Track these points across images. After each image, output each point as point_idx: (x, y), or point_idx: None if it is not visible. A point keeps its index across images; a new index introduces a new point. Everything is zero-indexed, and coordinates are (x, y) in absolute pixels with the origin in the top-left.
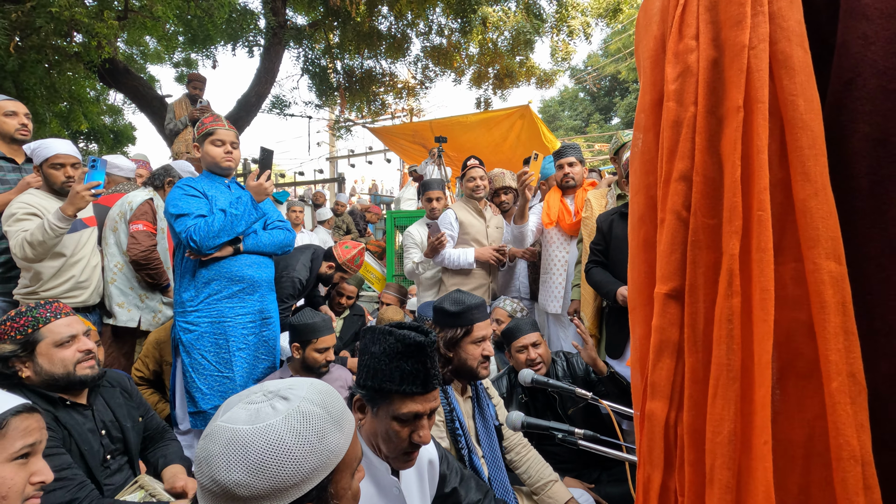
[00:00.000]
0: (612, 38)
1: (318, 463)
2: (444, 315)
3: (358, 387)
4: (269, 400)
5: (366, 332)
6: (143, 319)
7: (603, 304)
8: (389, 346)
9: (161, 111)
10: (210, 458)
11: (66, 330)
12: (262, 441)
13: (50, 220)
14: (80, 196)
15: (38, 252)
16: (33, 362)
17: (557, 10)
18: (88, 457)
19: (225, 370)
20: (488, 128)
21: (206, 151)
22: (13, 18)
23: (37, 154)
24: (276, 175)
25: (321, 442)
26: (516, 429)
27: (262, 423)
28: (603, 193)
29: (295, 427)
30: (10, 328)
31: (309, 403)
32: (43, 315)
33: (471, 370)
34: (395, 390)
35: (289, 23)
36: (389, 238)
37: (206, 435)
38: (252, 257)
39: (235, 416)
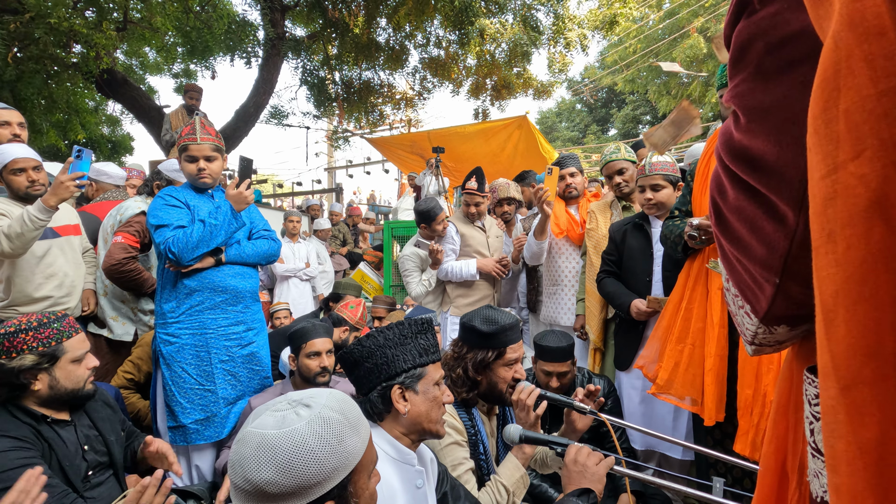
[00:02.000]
0: (608, 50)
1: (339, 463)
2: (475, 335)
3: (392, 379)
4: (293, 408)
5: (360, 342)
6: (138, 332)
7: (608, 317)
8: (405, 333)
9: (159, 121)
10: (243, 461)
11: (82, 347)
12: (289, 443)
13: (30, 211)
14: (63, 186)
15: (16, 245)
16: (50, 376)
17: (554, 23)
18: (70, 472)
19: (206, 383)
20: (486, 138)
21: (182, 166)
22: (11, 29)
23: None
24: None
25: (340, 444)
26: (513, 442)
27: (289, 428)
28: (607, 205)
29: (317, 431)
30: (31, 338)
31: (329, 410)
32: (65, 329)
33: (500, 395)
34: (427, 361)
35: (287, 34)
36: (387, 248)
37: (238, 440)
38: (236, 268)
39: (264, 423)
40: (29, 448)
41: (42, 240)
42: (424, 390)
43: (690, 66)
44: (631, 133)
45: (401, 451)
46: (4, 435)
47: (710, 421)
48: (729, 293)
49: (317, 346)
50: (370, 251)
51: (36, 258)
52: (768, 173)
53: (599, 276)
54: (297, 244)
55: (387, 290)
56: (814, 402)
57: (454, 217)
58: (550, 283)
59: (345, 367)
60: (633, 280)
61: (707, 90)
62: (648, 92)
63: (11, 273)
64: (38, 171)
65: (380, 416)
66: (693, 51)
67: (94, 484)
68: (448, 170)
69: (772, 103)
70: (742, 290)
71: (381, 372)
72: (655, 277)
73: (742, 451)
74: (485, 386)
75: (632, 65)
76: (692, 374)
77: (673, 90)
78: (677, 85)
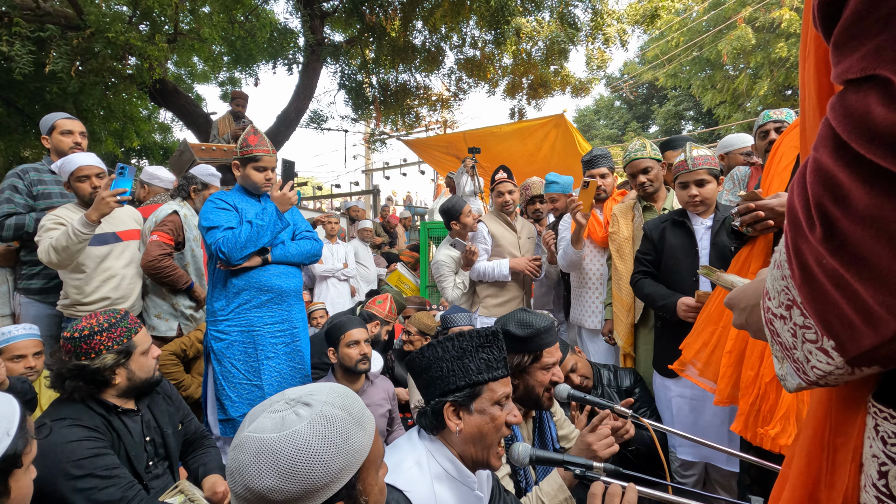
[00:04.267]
0: (649, 44)
1: (345, 463)
2: (510, 339)
3: (446, 395)
4: (292, 407)
5: (422, 351)
6: (182, 326)
7: (635, 321)
8: (464, 346)
9: (207, 127)
10: (241, 468)
11: (147, 339)
12: (291, 447)
13: (74, 226)
14: (104, 202)
15: (62, 257)
16: (127, 369)
17: (592, 19)
18: (135, 461)
19: (254, 378)
20: (522, 138)
21: (247, 173)
22: (75, 44)
23: (63, 171)
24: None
25: (346, 443)
26: (523, 464)
27: (289, 430)
28: (629, 207)
29: (320, 431)
30: (106, 339)
31: (331, 407)
32: (132, 326)
33: (536, 398)
34: (488, 378)
35: (326, 40)
36: (423, 249)
37: (235, 446)
38: (280, 268)
39: (262, 426)
40: (100, 438)
41: (103, 245)
42: (481, 409)
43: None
44: (673, 129)
45: (461, 470)
46: (80, 424)
47: (719, 402)
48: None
49: (355, 335)
50: (406, 251)
51: (96, 261)
52: None
53: (635, 277)
54: (335, 245)
55: (423, 290)
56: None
57: (485, 217)
58: (577, 286)
59: (412, 373)
60: (675, 279)
61: (755, 83)
62: (692, 86)
63: (73, 275)
64: (100, 177)
65: (435, 431)
66: (740, 42)
67: (154, 475)
68: (484, 170)
69: None
70: (829, 322)
71: (436, 386)
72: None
73: (735, 429)
74: (521, 390)
75: (674, 59)
76: (717, 356)
77: (718, 84)
78: (723, 79)
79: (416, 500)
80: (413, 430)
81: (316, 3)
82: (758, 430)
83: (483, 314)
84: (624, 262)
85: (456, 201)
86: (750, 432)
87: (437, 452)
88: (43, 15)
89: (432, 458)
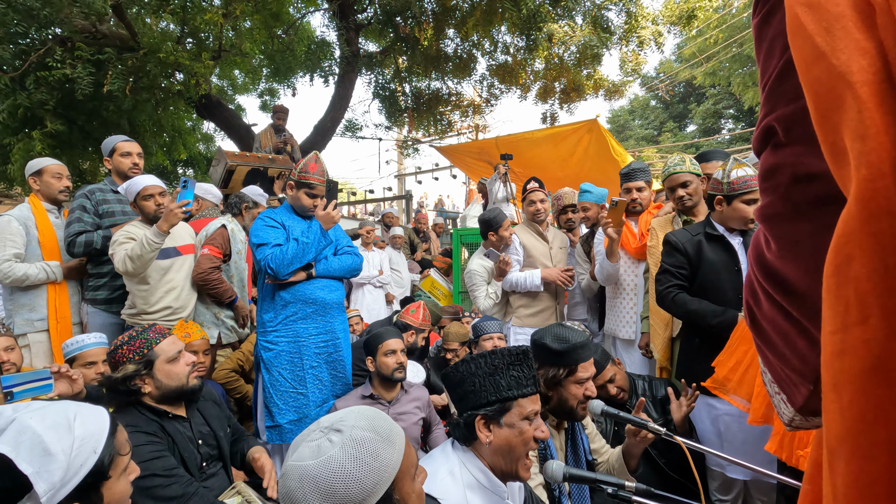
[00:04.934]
0: (686, 42)
1: (378, 478)
2: (546, 352)
3: (477, 409)
4: (325, 435)
5: (456, 367)
6: (221, 334)
7: (673, 336)
8: (496, 363)
9: (247, 138)
10: (290, 494)
11: (173, 347)
12: (327, 471)
13: (147, 235)
14: (172, 213)
15: (137, 265)
16: (153, 378)
17: (626, 22)
18: (189, 463)
19: (299, 387)
20: (555, 143)
21: (298, 196)
22: (129, 65)
23: (129, 192)
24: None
25: (376, 460)
26: (556, 481)
27: (324, 457)
28: (668, 221)
29: (351, 453)
30: (127, 351)
31: (359, 430)
32: (152, 337)
33: (570, 410)
34: (518, 395)
35: (361, 51)
36: (456, 255)
37: (283, 475)
38: (324, 281)
39: (301, 455)
40: (158, 441)
41: (166, 259)
42: (510, 423)
43: None
44: (712, 129)
45: (492, 480)
46: (139, 430)
47: (753, 421)
48: (766, 375)
49: (391, 345)
50: (439, 257)
51: (160, 273)
52: (800, 299)
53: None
54: (370, 252)
55: (455, 297)
56: None
57: (517, 229)
58: (611, 296)
59: (447, 386)
60: (718, 296)
61: None
62: (732, 84)
63: (139, 286)
64: (163, 195)
65: (466, 442)
66: None
67: (208, 475)
68: (516, 176)
69: (801, 237)
70: (779, 380)
71: (468, 399)
72: None
73: (770, 448)
74: (555, 401)
75: (713, 57)
76: (751, 375)
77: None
78: None
79: None
80: (447, 442)
81: (351, 15)
82: (795, 451)
83: (516, 324)
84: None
85: (497, 213)
86: (785, 452)
87: (469, 462)
88: (101, 38)
89: (465, 468)
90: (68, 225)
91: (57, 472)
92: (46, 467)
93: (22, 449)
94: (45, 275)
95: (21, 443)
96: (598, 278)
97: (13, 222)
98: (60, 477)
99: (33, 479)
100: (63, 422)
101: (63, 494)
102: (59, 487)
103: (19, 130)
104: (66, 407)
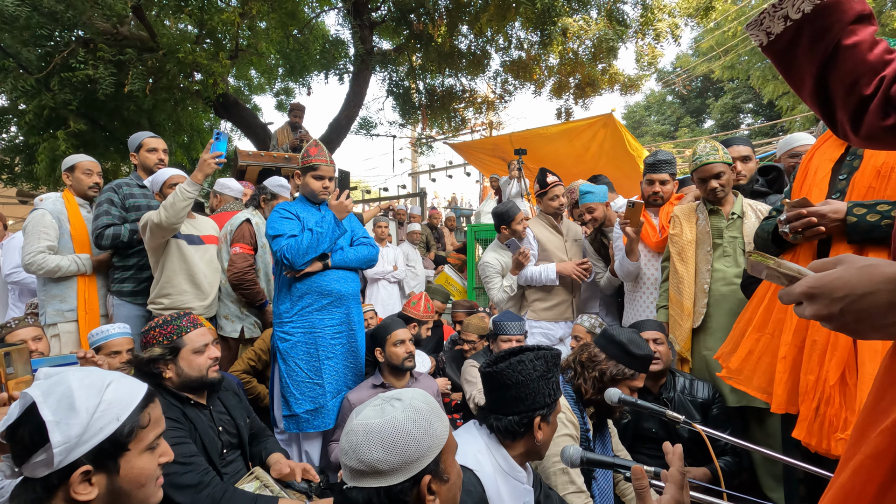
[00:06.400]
0: (703, 35)
1: (431, 443)
2: (622, 351)
3: (534, 410)
4: (388, 402)
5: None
6: (245, 329)
7: (696, 325)
8: (547, 367)
9: (264, 137)
10: (355, 446)
11: (201, 339)
12: (391, 427)
13: (182, 186)
14: (206, 163)
15: (169, 214)
16: (176, 365)
17: (643, 14)
18: (210, 449)
19: (315, 377)
20: (570, 139)
21: (306, 182)
22: (149, 65)
23: (155, 182)
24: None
25: (431, 427)
26: (574, 465)
27: (389, 416)
28: (692, 210)
29: (411, 416)
30: (158, 334)
31: (417, 401)
32: (184, 325)
33: (611, 409)
34: (558, 396)
35: (375, 49)
36: (470, 252)
37: (348, 432)
38: (339, 273)
39: (367, 415)
40: (180, 427)
41: (191, 245)
42: (552, 421)
43: None
44: (730, 124)
45: (513, 466)
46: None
47: (777, 408)
48: None
49: (400, 335)
50: (454, 254)
51: (184, 262)
52: None
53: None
54: (385, 248)
55: (470, 292)
56: None
57: (531, 222)
58: (631, 290)
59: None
60: None
61: None
62: (751, 78)
63: (162, 272)
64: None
65: (513, 437)
66: None
67: (228, 461)
68: (530, 172)
69: None
70: None
71: (527, 400)
72: None
73: (798, 436)
74: (602, 397)
75: (731, 50)
76: (765, 363)
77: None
78: None
79: (483, 479)
80: (471, 426)
81: (365, 13)
82: (833, 435)
83: (531, 318)
84: (685, 266)
85: (511, 206)
86: (815, 438)
87: (493, 448)
88: (122, 39)
89: (489, 453)
90: (96, 218)
91: (76, 426)
92: (67, 420)
93: (51, 398)
94: (76, 267)
95: (52, 392)
96: (618, 274)
97: (47, 216)
98: (77, 433)
99: (50, 428)
100: (98, 383)
101: (78, 454)
102: (74, 445)
103: (44, 130)
104: (107, 373)
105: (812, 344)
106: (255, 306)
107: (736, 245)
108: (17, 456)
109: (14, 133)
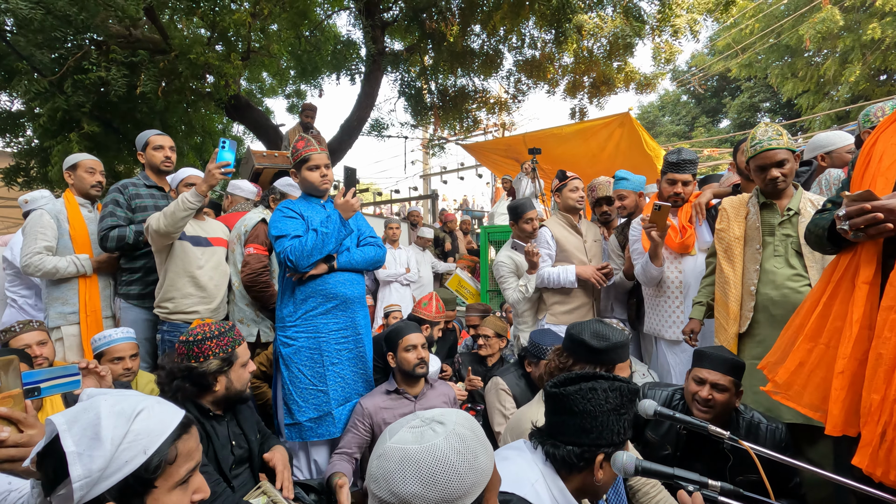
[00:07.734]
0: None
1: (476, 479)
2: (583, 349)
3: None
4: (428, 424)
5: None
6: (261, 332)
7: (742, 330)
8: (622, 401)
9: (276, 139)
10: (387, 475)
11: (246, 353)
12: (431, 457)
13: (184, 195)
14: (211, 174)
15: (168, 222)
16: (227, 378)
17: (660, 10)
18: (222, 462)
19: (319, 384)
20: (584, 138)
21: (303, 177)
22: (161, 67)
23: (174, 180)
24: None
25: (476, 460)
26: (628, 474)
27: (429, 443)
28: (742, 203)
29: (455, 446)
30: (215, 346)
31: (462, 427)
32: (237, 337)
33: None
34: (629, 437)
35: (387, 49)
36: (483, 254)
37: (380, 455)
38: (344, 275)
39: (403, 438)
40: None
41: (196, 246)
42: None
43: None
44: (747, 123)
45: (570, 501)
46: None
47: (832, 430)
48: None
49: (412, 339)
50: (466, 256)
51: (187, 264)
52: None
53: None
54: (397, 250)
55: (483, 295)
56: None
57: (549, 222)
58: (653, 295)
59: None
60: None
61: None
62: (769, 76)
63: (166, 275)
64: None
65: (570, 469)
66: (825, 25)
67: (235, 475)
68: (545, 172)
69: None
70: None
71: (592, 433)
72: None
73: (860, 463)
74: None
75: (748, 48)
76: (819, 377)
77: (800, 71)
78: (805, 66)
79: None
80: (522, 446)
81: (377, 13)
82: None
83: (551, 321)
84: (732, 266)
85: (524, 202)
86: (881, 468)
87: (549, 478)
88: (134, 41)
89: (545, 484)
90: (101, 219)
91: (98, 459)
92: (90, 452)
93: (76, 426)
94: (75, 268)
95: (78, 420)
96: (639, 280)
97: (45, 216)
98: (100, 466)
99: (71, 460)
100: (128, 411)
101: (100, 490)
102: (96, 480)
103: (58, 133)
104: (141, 399)
105: (877, 357)
106: (269, 308)
107: (788, 244)
108: (45, 486)
109: (29, 136)
